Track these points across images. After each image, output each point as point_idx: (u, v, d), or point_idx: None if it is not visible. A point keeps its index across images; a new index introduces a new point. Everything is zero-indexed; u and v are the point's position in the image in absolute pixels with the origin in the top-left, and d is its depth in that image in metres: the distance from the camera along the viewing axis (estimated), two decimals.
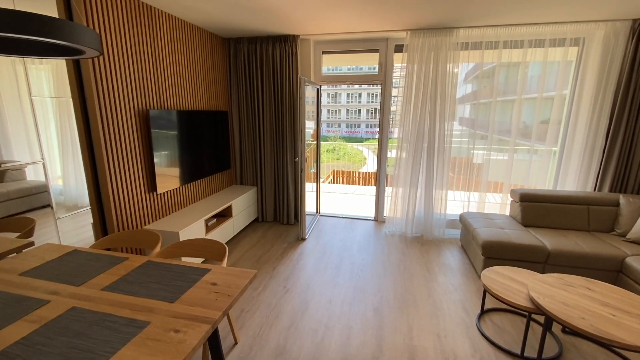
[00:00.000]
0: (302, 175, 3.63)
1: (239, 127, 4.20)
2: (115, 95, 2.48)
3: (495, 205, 4.00)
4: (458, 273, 3.06)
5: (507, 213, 3.83)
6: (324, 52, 4.15)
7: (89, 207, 2.54)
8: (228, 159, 4.12)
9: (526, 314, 2.44)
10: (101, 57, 2.35)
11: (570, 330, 2.27)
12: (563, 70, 3.49)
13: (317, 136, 4.52)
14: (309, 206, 4.52)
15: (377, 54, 3.98)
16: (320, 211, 4.81)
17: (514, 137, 3.65)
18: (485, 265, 2.86)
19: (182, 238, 2.73)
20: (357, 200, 5.75)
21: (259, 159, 4.21)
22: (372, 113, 39.66)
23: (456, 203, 4.67)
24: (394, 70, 4.00)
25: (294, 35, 3.80)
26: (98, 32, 2.32)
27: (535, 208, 3.24)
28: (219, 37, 3.87)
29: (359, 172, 9.32)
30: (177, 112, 3.10)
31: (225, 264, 1.86)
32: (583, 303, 1.85)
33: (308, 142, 4.41)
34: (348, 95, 39.57)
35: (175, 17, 3.10)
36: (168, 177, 3.05)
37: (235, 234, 3.76)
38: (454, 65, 3.55)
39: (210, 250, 2.04)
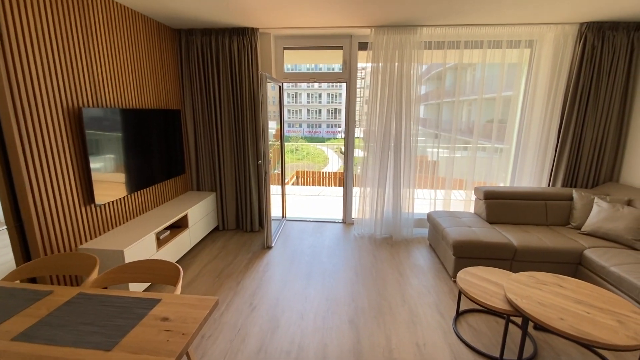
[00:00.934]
0: (266, 179, 3.38)
1: (194, 127, 3.83)
2: (35, 89, 2.05)
3: (457, 202, 4.06)
4: (429, 274, 3.02)
5: (472, 210, 3.90)
6: (285, 48, 3.92)
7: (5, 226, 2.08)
8: (182, 162, 3.74)
9: (505, 316, 2.43)
10: (14, 42, 1.92)
11: (541, 327, 2.29)
12: (518, 72, 3.62)
13: (281, 137, 4.28)
14: (275, 211, 4.27)
15: (341, 51, 3.85)
16: (287, 216, 4.58)
17: (474, 135, 3.72)
18: (457, 265, 2.84)
19: (127, 257, 2.36)
20: (324, 202, 5.59)
21: (218, 162, 3.87)
22: (332, 113, 40.01)
23: (419, 201, 4.70)
24: (358, 68, 3.89)
25: (252, 28, 3.52)
26: (3, 9, 1.88)
27: (498, 205, 3.30)
28: (168, 27, 3.48)
29: (324, 172, 9.21)
30: (120, 111, 2.70)
31: (179, 290, 1.57)
32: (558, 302, 1.85)
33: (271, 142, 4.18)
34: (308, 95, 39.54)
35: (112, 1, 2.69)
36: (111, 185, 2.63)
37: (192, 245, 3.41)
38: (418, 65, 3.53)
39: (161, 274, 1.74)
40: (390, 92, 3.59)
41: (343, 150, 4.26)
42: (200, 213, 3.54)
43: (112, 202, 2.73)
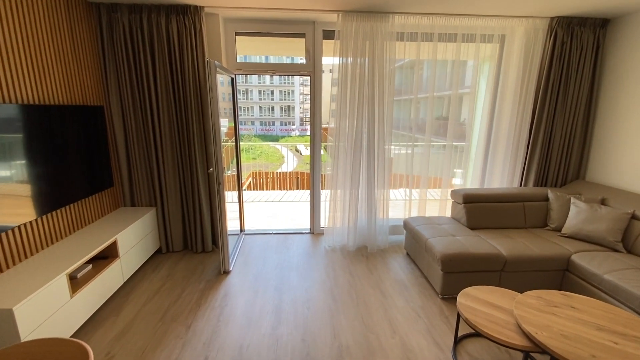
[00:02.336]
0: (220, 189, 2.78)
1: (124, 128, 3.07)
2: None
3: (429, 202, 3.83)
4: (414, 291, 2.69)
5: (447, 213, 3.69)
6: (237, 34, 3.32)
7: None
8: (109, 173, 2.97)
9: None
10: None
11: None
12: (480, 69, 3.47)
13: (236, 136, 3.67)
14: (231, 223, 3.66)
15: (303, 40, 3.36)
16: (246, 228, 3.99)
17: (426, 133, 3.49)
18: (445, 281, 2.54)
19: (19, 319, 1.64)
20: (288, 209, 5.07)
21: (157, 171, 3.16)
22: (285, 111, 39.29)
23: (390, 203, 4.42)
24: (326, 64, 3.44)
25: (196, 7, 2.88)
26: None
27: (478, 209, 3.10)
28: None
29: (281, 173, 8.60)
30: (5, 107, 1.92)
31: None
32: (580, 331, 1.58)
33: (223, 142, 3.56)
34: (260, 92, 38.34)
35: None
36: (4, 208, 1.87)
37: (126, 279, 2.69)
38: (391, 59, 3.18)
39: None
40: (361, 87, 3.20)
41: (301, 149, 3.78)
42: (135, 235, 2.83)
43: (12, 230, 1.95)
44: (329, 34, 3.34)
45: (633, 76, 2.98)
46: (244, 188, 7.99)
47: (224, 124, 3.48)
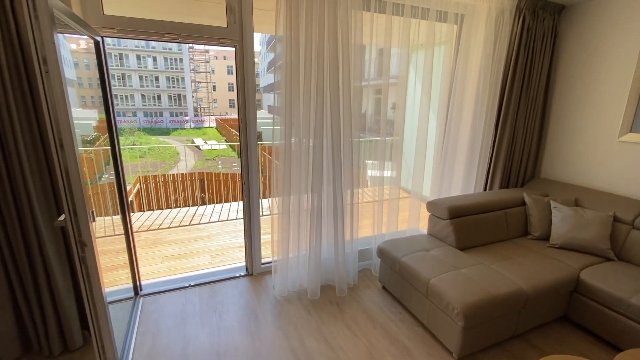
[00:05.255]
0: (85, 251, 1.43)
1: None
2: None
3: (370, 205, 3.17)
4: (419, 354, 1.94)
5: (417, 226, 3.09)
6: None
7: None
8: None
9: None
10: None
11: None
12: (444, 53, 2.92)
13: (112, 132, 2.22)
14: (117, 275, 2.26)
15: None
16: (142, 286, 2.58)
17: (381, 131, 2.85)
18: (465, 339, 1.86)
19: None
20: (202, 235, 3.71)
21: None
22: (176, 100, 34.70)
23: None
24: (267, 41, 2.30)
25: None
26: None
27: (466, 224, 2.54)
28: None
29: (178, 175, 6.77)
30: None
31: None
32: None
33: (89, 138, 2.07)
34: (142, 78, 32.70)
35: None
36: None
37: None
38: (357, 34, 2.29)
39: None
40: (319, 68, 2.21)
41: (203, 145, 2.61)
42: None
43: None
44: None
45: (584, 68, 2.84)
46: (131, 197, 6.02)
47: (91, 115, 2.01)
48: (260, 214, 2.69)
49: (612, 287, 2.02)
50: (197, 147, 20.84)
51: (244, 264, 2.88)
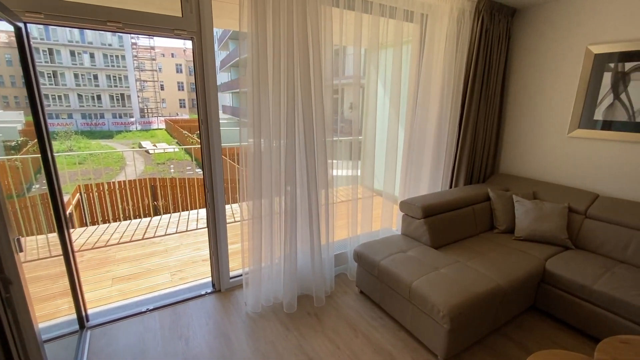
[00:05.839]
0: (7, 290, 1.13)
1: None
2: None
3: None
4: None
5: (389, 225, 3.06)
6: None
7: None
8: None
9: None
10: None
11: None
12: (409, 53, 2.93)
13: (43, 136, 1.86)
14: (56, 315, 1.90)
15: None
16: (89, 315, 2.22)
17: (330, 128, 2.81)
18: (451, 340, 1.83)
19: None
20: (160, 251, 3.34)
21: None
22: (118, 100, 32.00)
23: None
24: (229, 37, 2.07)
25: None
26: None
27: (439, 223, 2.56)
28: None
29: (125, 182, 6.12)
30: None
31: None
32: None
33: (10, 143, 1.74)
34: (77, 76, 29.64)
35: None
36: None
37: None
38: (328, 30, 2.18)
39: None
40: (289, 65, 2.06)
41: (153, 148, 2.36)
42: None
43: None
44: None
45: (536, 69, 3.02)
46: (69, 210, 5.30)
47: (15, 117, 1.65)
48: (224, 222, 2.46)
49: (576, 275, 2.14)
50: (147, 151, 19.35)
51: (209, 279, 2.62)
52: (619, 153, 2.58)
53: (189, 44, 2.05)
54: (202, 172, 2.36)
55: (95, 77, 30.42)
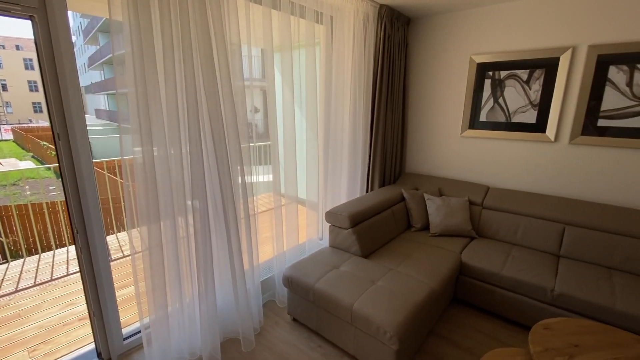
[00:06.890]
0: None
1: None
2: None
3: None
4: None
5: (316, 234, 2.87)
6: None
7: None
8: None
9: None
10: None
11: None
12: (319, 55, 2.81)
13: None
14: None
15: None
16: None
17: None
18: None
19: None
20: (9, 317, 2.34)
21: None
22: None
23: None
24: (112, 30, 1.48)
25: None
26: None
27: (366, 231, 2.49)
28: None
29: None
30: None
31: None
32: None
33: None
34: None
35: None
36: None
37: None
38: (232, 27, 1.81)
39: None
40: (187, 67, 1.62)
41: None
42: None
43: None
44: None
45: (430, 74, 3.28)
46: None
47: None
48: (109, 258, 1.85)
49: (485, 263, 2.34)
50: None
51: (92, 346, 1.94)
52: (501, 149, 2.97)
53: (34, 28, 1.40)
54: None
55: None
